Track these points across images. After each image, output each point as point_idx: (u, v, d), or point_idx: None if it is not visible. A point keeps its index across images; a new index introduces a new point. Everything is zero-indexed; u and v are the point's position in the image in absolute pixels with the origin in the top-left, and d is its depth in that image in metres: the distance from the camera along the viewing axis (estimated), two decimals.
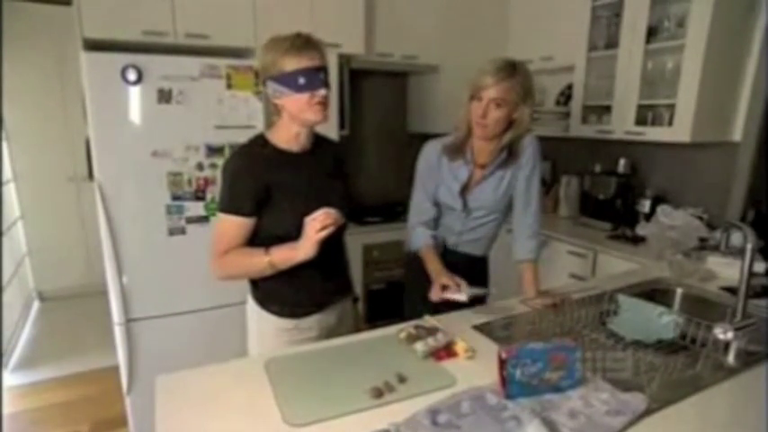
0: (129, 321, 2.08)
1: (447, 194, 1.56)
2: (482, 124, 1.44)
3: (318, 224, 1.12)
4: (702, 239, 2.20)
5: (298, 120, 1.21)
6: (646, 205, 2.53)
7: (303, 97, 1.17)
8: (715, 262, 1.84)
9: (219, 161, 2.08)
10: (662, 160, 2.60)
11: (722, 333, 1.12)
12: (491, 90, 1.39)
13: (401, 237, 1.67)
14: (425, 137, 1.70)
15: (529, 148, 1.50)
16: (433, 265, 1.47)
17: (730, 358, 1.15)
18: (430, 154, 1.57)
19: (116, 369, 2.15)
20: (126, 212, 2.00)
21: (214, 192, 2.11)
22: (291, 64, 1.15)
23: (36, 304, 3.79)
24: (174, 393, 1.02)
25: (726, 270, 1.78)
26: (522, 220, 1.55)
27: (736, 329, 1.12)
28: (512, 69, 1.40)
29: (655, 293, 1.63)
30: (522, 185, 1.52)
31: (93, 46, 2.04)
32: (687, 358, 1.15)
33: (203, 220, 2.13)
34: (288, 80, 1.15)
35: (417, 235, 1.57)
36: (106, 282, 2.04)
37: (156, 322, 2.13)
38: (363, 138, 3.15)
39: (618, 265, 2.17)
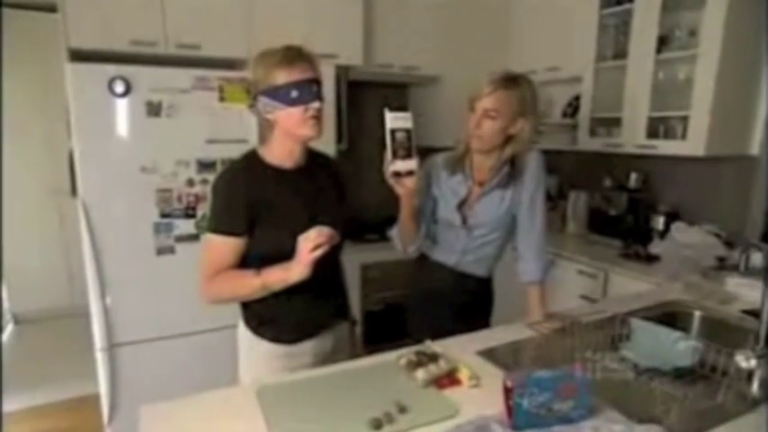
0: (112, 346, 2.07)
1: (445, 209, 1.57)
2: (476, 136, 1.45)
3: (311, 243, 1.12)
4: (720, 259, 2.20)
5: (291, 135, 1.23)
6: (659, 222, 2.53)
7: (296, 111, 1.18)
8: (735, 283, 1.83)
9: (211, 177, 2.08)
10: (675, 175, 2.61)
11: (744, 360, 1.11)
12: (485, 100, 1.41)
13: (402, 256, 1.68)
14: (426, 150, 1.72)
15: (533, 164, 1.51)
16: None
17: (754, 388, 1.13)
18: (429, 168, 1.59)
19: (96, 398, 2.13)
20: (111, 230, 2.01)
21: (205, 209, 2.11)
22: (283, 77, 1.16)
23: (10, 327, 3.76)
24: (159, 425, 1.01)
25: (747, 292, 1.77)
26: (527, 239, 1.56)
27: (760, 357, 1.10)
28: (510, 81, 1.42)
29: (670, 317, 1.62)
30: (526, 203, 1.53)
31: (79, 56, 2.06)
32: (707, 388, 1.14)
33: (193, 238, 2.13)
34: (280, 94, 1.17)
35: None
36: (88, 304, 2.03)
37: (141, 347, 2.12)
38: (362, 152, 3.17)
39: (630, 285, 2.17)
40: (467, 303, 1.64)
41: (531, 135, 1.47)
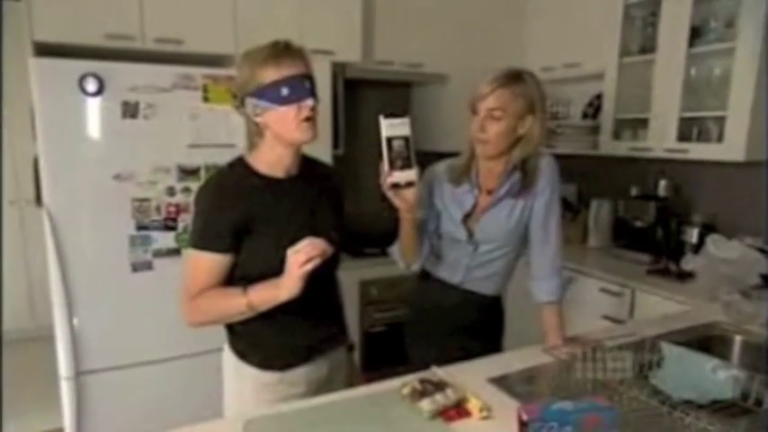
0: (79, 374, 2.06)
1: (449, 223, 1.58)
2: (481, 140, 1.46)
3: (302, 256, 1.12)
4: (764, 276, 2.19)
5: (283, 139, 1.23)
6: (692, 234, 2.54)
7: (288, 111, 1.19)
8: None
9: (194, 185, 2.09)
10: (711, 182, 2.62)
11: None
12: (488, 100, 1.43)
13: (404, 271, 1.69)
14: (431, 156, 1.73)
15: (546, 170, 1.52)
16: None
17: None
18: (431, 178, 1.60)
19: None
20: (80, 244, 2.01)
21: (187, 220, 2.12)
22: (271, 74, 1.17)
23: None
24: None
25: None
26: (542, 253, 1.56)
27: None
28: (513, 77, 1.44)
29: (707, 342, 1.62)
30: (539, 215, 1.54)
31: (46, 50, 2.08)
32: (751, 424, 1.13)
33: (174, 253, 2.14)
34: (268, 93, 1.18)
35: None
36: (52, 326, 2.02)
37: (113, 375, 2.11)
38: (360, 158, 3.19)
39: (660, 306, 2.17)
40: (475, 325, 1.65)
41: (541, 134, 1.49)
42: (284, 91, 1.17)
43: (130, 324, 2.12)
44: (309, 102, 1.20)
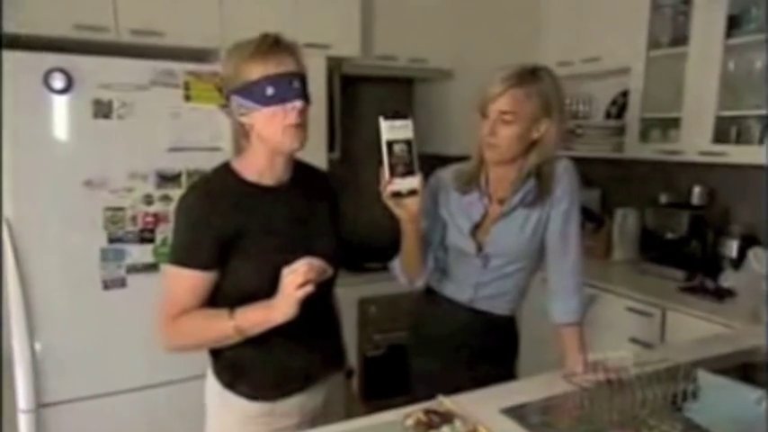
0: (40, 407, 2.04)
1: (457, 235, 1.59)
2: (491, 144, 1.48)
3: (299, 278, 1.13)
4: None
5: (268, 144, 1.24)
6: (731, 247, 2.54)
7: (274, 113, 1.19)
8: None
9: (174, 193, 2.08)
10: (752, 188, 2.62)
11: None
12: (499, 101, 1.44)
13: (407, 288, 1.69)
14: (435, 160, 1.74)
15: (564, 177, 1.53)
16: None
17: None
18: (436, 185, 1.61)
19: None
20: (45, 258, 2.01)
21: (166, 232, 2.12)
22: (257, 71, 1.19)
23: None
24: None
25: None
26: (560, 270, 1.57)
27: None
28: (527, 76, 1.45)
29: (749, 369, 1.62)
30: (557, 225, 1.54)
31: (7, 42, 2.07)
32: None
33: (151, 268, 2.14)
34: (253, 92, 1.19)
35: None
36: (10, 351, 2.01)
37: (80, 407, 2.10)
38: (359, 162, 3.19)
39: (696, 327, 2.18)
40: (486, 348, 1.65)
41: (558, 138, 1.50)
42: (269, 90, 1.18)
43: (101, 348, 2.11)
44: (297, 104, 1.20)
